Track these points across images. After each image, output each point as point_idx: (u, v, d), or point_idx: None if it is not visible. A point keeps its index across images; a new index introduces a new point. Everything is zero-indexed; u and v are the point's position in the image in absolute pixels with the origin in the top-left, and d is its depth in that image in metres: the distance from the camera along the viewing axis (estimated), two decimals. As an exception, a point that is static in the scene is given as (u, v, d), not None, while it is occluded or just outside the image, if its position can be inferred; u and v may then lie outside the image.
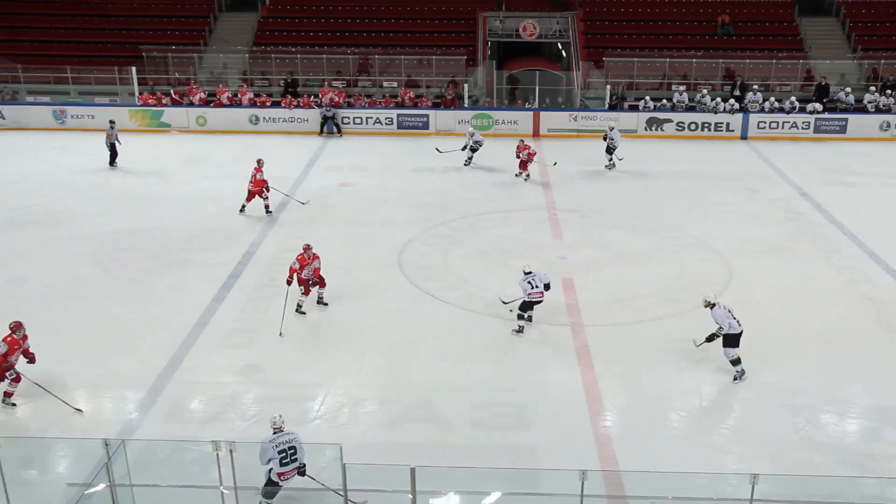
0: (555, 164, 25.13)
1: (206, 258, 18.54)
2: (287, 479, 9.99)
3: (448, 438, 11.97)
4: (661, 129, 29.80)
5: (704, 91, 30.60)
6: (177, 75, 32.20)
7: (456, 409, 12.65)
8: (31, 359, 12.90)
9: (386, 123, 29.83)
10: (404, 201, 22.42)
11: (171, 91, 31.19)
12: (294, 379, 13.58)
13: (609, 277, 17.53)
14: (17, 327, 12.78)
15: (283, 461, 9.91)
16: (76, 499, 9.11)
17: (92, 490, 9.13)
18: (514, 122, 29.70)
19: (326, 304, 16.09)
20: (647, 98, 30.25)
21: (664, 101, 30.50)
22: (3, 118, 30.44)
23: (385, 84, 32.01)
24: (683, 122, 29.83)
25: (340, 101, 30.18)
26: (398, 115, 29.90)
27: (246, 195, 21.03)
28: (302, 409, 12.73)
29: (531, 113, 30.02)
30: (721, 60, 31.90)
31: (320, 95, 30.18)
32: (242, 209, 21.09)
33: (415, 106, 30.34)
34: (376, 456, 11.04)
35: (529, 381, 13.47)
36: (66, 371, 13.82)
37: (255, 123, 30.04)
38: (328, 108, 29.25)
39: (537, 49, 35.66)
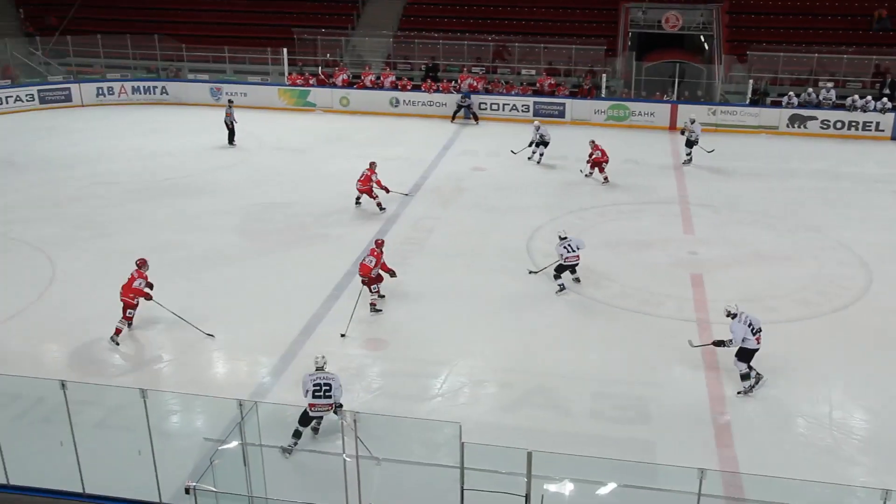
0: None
1: (342, 233, 19.22)
2: (317, 410, 11.26)
3: (566, 426, 12.06)
4: (805, 127, 28.62)
5: (855, 96, 28.83)
6: (329, 56, 33.21)
7: (576, 397, 12.72)
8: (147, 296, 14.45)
9: (522, 110, 29.90)
10: (536, 188, 22.50)
11: (319, 72, 32.24)
12: (418, 355, 13.95)
13: (740, 275, 17.11)
14: (142, 263, 14.42)
15: (316, 394, 11.22)
16: (211, 453, 9.69)
17: (225, 447, 9.67)
18: (651, 115, 29.20)
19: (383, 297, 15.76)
20: (791, 94, 29.08)
21: (809, 92, 29.08)
22: (167, 94, 32.32)
23: (523, 72, 32.04)
24: (829, 120, 28.53)
25: (478, 87, 30.44)
26: (534, 103, 29.92)
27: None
28: (424, 386, 13.10)
29: (669, 105, 29.43)
30: (874, 57, 30.22)
31: (459, 81, 30.53)
32: (357, 202, 20.90)
33: (552, 94, 30.26)
34: (494, 437, 11.19)
35: (652, 375, 13.38)
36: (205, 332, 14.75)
37: (395, 106, 30.71)
38: (464, 98, 29.48)
39: (678, 41, 34.82)
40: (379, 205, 20.50)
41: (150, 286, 14.59)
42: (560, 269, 15.95)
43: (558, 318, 15.25)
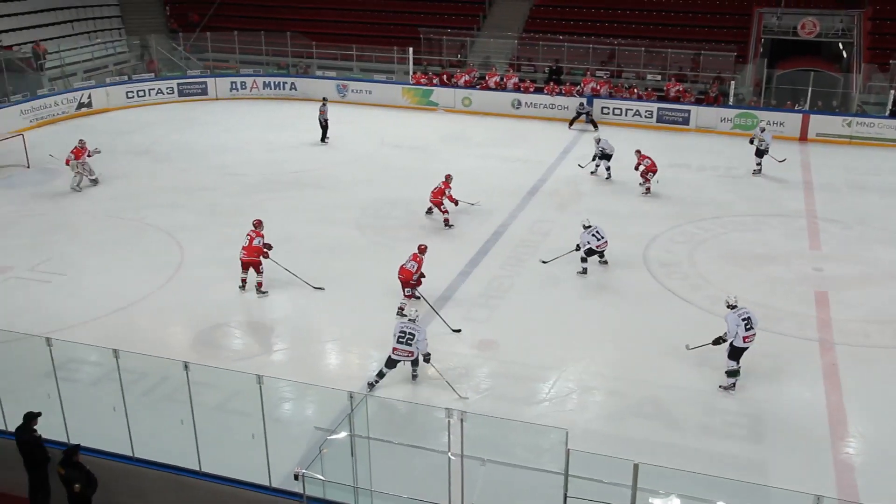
0: None
1: (459, 232, 19.39)
2: (397, 354, 12.87)
3: (675, 439, 11.84)
4: (952, 142, 27.05)
5: None
6: (459, 56, 33.51)
7: (686, 410, 12.47)
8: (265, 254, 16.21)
9: (646, 116, 29.41)
10: (656, 196, 22.09)
11: (442, 71, 32.58)
12: (527, 359, 13.95)
13: (870, 295, 16.34)
14: (258, 224, 16.40)
15: (399, 340, 12.84)
16: (320, 442, 9.95)
17: (334, 437, 9.90)
18: (781, 125, 28.09)
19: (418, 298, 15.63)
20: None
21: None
22: (296, 89, 33.34)
23: (648, 76, 31.48)
24: (980, 136, 26.86)
25: (601, 91, 30.11)
26: (658, 109, 29.36)
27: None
28: (532, 390, 13.10)
29: (800, 115, 28.29)
30: None
31: (582, 84, 30.28)
32: (429, 212, 20.34)
33: (677, 101, 29.63)
34: (600, 446, 11.10)
35: (768, 393, 12.97)
36: (321, 323, 15.20)
37: (517, 108, 30.72)
38: (583, 105, 29.02)
39: (814, 48, 33.46)
40: (446, 221, 19.71)
41: (269, 246, 16.16)
42: (589, 254, 16.89)
43: (672, 330, 14.94)
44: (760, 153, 23.99)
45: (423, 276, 15.63)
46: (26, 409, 10.46)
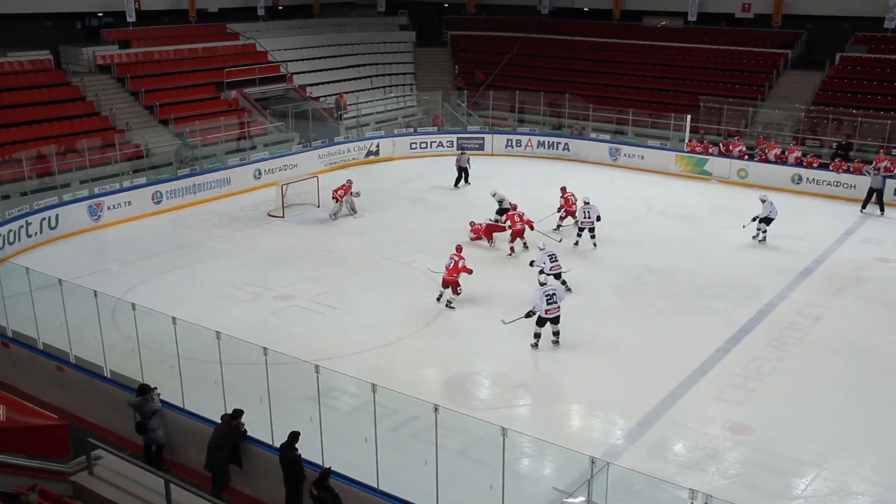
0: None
1: (721, 307, 18.68)
2: (550, 313, 16.10)
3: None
4: None
5: None
6: (747, 129, 32.59)
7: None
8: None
9: (948, 201, 26.73)
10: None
11: (720, 142, 31.71)
12: (784, 450, 13.10)
13: None
14: (460, 248, 18.80)
15: (550, 301, 16.07)
16: (556, 502, 9.95)
17: (571, 500, 9.85)
18: None
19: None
20: None
21: None
22: (568, 150, 33.90)
23: (954, 158, 28.66)
24: None
25: (894, 170, 27.77)
26: (963, 194, 26.58)
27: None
28: (786, 484, 12.31)
29: None
30: None
31: (875, 162, 28.14)
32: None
33: None
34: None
35: None
36: (569, 384, 15.26)
37: (798, 183, 29.14)
38: (878, 181, 26.87)
39: None
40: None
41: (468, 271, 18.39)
42: (580, 232, 20.83)
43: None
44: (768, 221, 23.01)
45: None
46: (291, 427, 11.39)
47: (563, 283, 18.82)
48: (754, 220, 23.11)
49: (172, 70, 32.45)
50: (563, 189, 24.50)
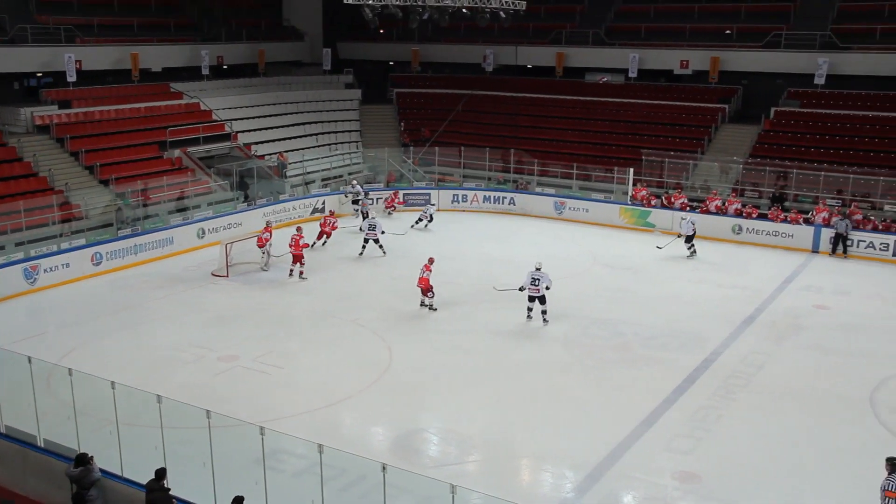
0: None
1: (666, 357, 18.83)
2: (531, 292, 20.45)
3: None
4: None
5: None
6: (688, 181, 33.26)
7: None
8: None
9: (880, 249, 27.47)
10: (888, 335, 20.41)
11: (663, 194, 32.31)
12: (733, 497, 13.16)
13: None
14: (432, 261, 21.68)
15: (532, 284, 20.26)
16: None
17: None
18: None
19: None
20: None
21: None
22: (514, 204, 34.22)
23: (886, 207, 29.55)
24: None
25: (830, 221, 28.50)
26: (896, 242, 27.40)
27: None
28: (735, 532, 12.26)
29: None
30: None
31: (814, 213, 28.89)
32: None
33: (917, 234, 27.51)
34: None
35: None
36: (518, 438, 15.12)
37: (738, 233, 29.76)
38: (835, 225, 27.65)
39: None
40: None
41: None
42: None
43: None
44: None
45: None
46: (235, 492, 11.06)
47: (544, 312, 20.75)
48: (680, 237, 26.09)
49: (114, 130, 32.06)
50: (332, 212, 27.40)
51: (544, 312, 20.67)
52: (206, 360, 18.54)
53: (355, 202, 31.16)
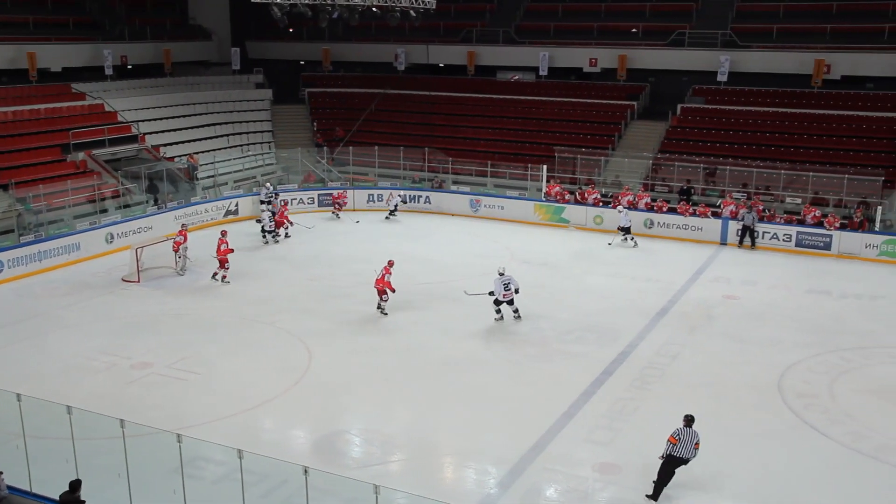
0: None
1: (584, 351, 19.12)
2: (507, 297, 20.51)
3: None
4: None
5: None
6: (600, 177, 33.82)
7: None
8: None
9: (783, 240, 28.51)
10: (793, 322, 21.18)
11: (576, 190, 32.81)
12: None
13: None
14: (392, 263, 21.24)
15: (507, 288, 20.39)
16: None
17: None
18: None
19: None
20: None
21: None
22: (430, 203, 34.26)
23: (787, 199, 30.68)
24: None
25: (738, 214, 29.46)
26: (797, 233, 28.44)
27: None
28: (654, 519, 12.52)
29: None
30: None
31: (722, 206, 29.80)
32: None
33: (818, 225, 28.65)
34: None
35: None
36: (441, 436, 15.14)
37: (650, 227, 30.45)
38: (742, 218, 28.60)
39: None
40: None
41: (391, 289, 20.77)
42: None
43: (811, 467, 14.07)
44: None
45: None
46: (155, 502, 10.77)
47: (516, 311, 20.96)
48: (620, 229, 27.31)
49: (11, 132, 30.81)
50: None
51: (516, 311, 20.89)
52: (119, 368, 17.98)
53: (265, 202, 30.69)
